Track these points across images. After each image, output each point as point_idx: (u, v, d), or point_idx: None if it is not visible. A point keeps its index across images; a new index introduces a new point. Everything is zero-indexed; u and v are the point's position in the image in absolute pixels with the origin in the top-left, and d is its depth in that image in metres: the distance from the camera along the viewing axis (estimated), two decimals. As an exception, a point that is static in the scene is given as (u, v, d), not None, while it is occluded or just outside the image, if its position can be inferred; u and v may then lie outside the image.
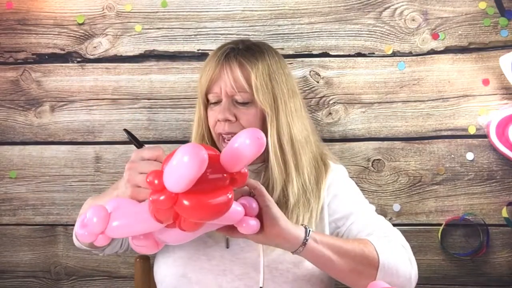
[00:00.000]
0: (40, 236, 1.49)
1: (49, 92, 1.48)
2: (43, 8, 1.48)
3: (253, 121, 1.00)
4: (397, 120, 1.42)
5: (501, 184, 1.39)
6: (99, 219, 0.70)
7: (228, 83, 0.99)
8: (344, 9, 1.43)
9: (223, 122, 1.00)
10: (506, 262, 1.40)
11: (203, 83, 1.02)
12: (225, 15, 1.45)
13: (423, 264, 1.41)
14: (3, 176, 1.49)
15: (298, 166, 1.01)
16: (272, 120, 1.00)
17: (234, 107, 1.00)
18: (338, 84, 1.43)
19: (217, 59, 1.01)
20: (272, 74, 1.02)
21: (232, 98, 1.00)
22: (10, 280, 1.50)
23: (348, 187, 1.09)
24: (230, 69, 1.00)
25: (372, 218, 1.03)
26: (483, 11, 1.40)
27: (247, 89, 0.99)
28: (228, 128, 1.00)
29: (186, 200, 0.62)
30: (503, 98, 1.39)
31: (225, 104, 1.00)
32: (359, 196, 1.09)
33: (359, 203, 1.06)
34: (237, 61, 1.00)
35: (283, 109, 1.01)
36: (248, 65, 1.00)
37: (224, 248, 0.99)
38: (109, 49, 1.47)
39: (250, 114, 1.00)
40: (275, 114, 1.00)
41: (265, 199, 0.81)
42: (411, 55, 1.42)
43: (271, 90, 1.00)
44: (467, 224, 1.40)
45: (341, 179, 1.09)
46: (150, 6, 1.46)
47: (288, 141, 1.00)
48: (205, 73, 1.02)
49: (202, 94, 1.03)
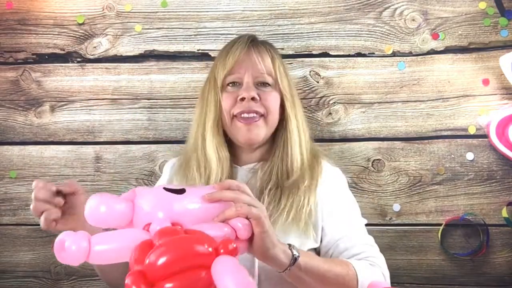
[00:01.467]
0: (40, 236, 1.49)
1: (49, 92, 1.48)
2: (43, 8, 1.48)
3: (275, 102, 1.05)
4: (397, 120, 1.42)
5: (501, 184, 1.39)
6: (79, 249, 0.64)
7: (258, 64, 1.04)
8: (344, 9, 1.43)
9: (245, 101, 1.02)
10: (506, 262, 1.40)
11: (227, 64, 1.04)
12: (225, 15, 1.45)
13: (423, 264, 1.41)
14: (3, 176, 1.49)
15: (302, 150, 1.06)
16: (292, 106, 1.06)
17: (256, 89, 1.04)
18: (338, 84, 1.43)
19: (244, 42, 1.06)
20: (285, 70, 1.10)
21: (255, 80, 1.04)
22: (10, 280, 1.50)
23: (343, 197, 1.08)
24: (259, 52, 1.05)
25: (361, 239, 1.02)
26: (483, 11, 1.40)
27: (272, 73, 1.05)
28: (251, 106, 1.02)
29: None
30: (503, 98, 1.39)
31: (249, 83, 1.03)
32: (353, 209, 1.07)
33: (351, 219, 1.05)
34: (265, 47, 1.07)
35: (296, 100, 1.09)
36: (273, 52, 1.08)
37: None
38: (109, 49, 1.47)
39: (273, 96, 1.05)
40: (292, 100, 1.07)
41: (265, 226, 0.76)
42: (411, 55, 1.42)
43: (288, 80, 1.08)
44: (467, 224, 1.40)
45: (337, 184, 1.08)
46: (150, 6, 1.46)
47: (304, 129, 1.07)
48: (231, 54, 1.05)
49: (220, 76, 1.05)
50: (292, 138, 1.05)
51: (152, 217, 0.69)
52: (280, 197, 1.00)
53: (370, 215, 1.41)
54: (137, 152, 1.45)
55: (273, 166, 1.05)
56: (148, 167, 1.45)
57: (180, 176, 1.09)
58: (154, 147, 1.45)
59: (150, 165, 1.45)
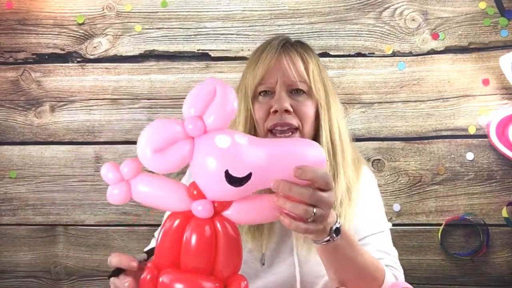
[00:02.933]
0: (40, 236, 1.49)
1: (49, 92, 1.48)
2: (43, 8, 1.48)
3: (309, 112, 0.96)
4: (397, 120, 1.42)
5: (501, 184, 1.39)
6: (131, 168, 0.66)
7: (289, 71, 0.96)
8: (344, 9, 1.43)
9: (278, 114, 0.95)
10: (506, 262, 1.40)
11: (257, 74, 0.97)
12: (225, 15, 1.45)
13: (423, 264, 1.41)
14: (3, 176, 1.49)
15: (344, 163, 0.98)
16: (325, 114, 0.97)
17: (290, 99, 0.96)
18: (338, 84, 1.43)
19: (274, 48, 0.98)
20: (322, 71, 1.01)
21: (288, 88, 0.97)
22: (10, 280, 1.50)
23: (373, 199, 1.04)
24: (290, 58, 0.97)
25: (386, 245, 0.99)
26: (483, 11, 1.40)
27: (306, 80, 0.97)
28: (284, 119, 0.94)
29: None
30: (503, 98, 1.39)
31: (281, 93, 0.95)
32: (381, 212, 1.04)
33: (378, 222, 1.01)
34: (297, 51, 0.98)
35: (334, 104, 1.00)
36: (306, 56, 0.99)
37: (260, 266, 0.96)
38: (109, 49, 1.47)
39: (307, 105, 0.97)
40: (327, 107, 0.98)
41: (321, 225, 0.71)
42: (411, 55, 1.42)
43: (323, 84, 0.99)
44: (467, 224, 1.40)
45: (369, 187, 1.05)
46: (150, 6, 1.46)
47: (339, 136, 0.98)
48: (260, 63, 0.97)
49: (251, 86, 0.98)
50: (326, 151, 0.94)
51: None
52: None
53: (370, 215, 1.41)
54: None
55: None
56: (148, 167, 1.45)
57: None
58: (154, 147, 1.45)
59: (150, 165, 1.45)
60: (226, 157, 0.62)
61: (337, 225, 0.75)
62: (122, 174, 0.65)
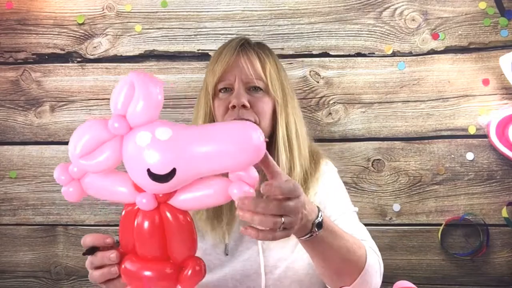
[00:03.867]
0: (40, 236, 1.49)
1: (49, 92, 1.48)
2: (43, 8, 1.48)
3: (266, 108, 1.02)
4: (397, 120, 1.42)
5: (501, 184, 1.39)
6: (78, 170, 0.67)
7: (246, 69, 1.01)
8: (344, 9, 1.43)
9: (236, 109, 0.99)
10: (506, 262, 1.40)
11: (217, 71, 1.02)
12: (225, 15, 1.45)
13: (423, 264, 1.41)
14: (3, 176, 1.49)
15: (301, 157, 1.03)
16: (282, 111, 1.03)
17: (247, 95, 1.01)
18: (338, 84, 1.43)
19: (233, 48, 1.04)
20: (280, 70, 1.07)
21: (246, 85, 1.02)
22: (10, 280, 1.50)
23: (336, 188, 1.09)
24: (247, 57, 1.03)
25: (355, 225, 1.02)
26: (483, 11, 1.40)
27: (263, 77, 1.02)
28: (241, 114, 0.99)
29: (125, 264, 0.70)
30: (503, 98, 1.39)
31: (240, 89, 1.01)
32: (345, 196, 1.09)
33: (345, 205, 1.06)
34: (254, 51, 1.04)
35: (291, 102, 1.05)
36: (263, 56, 1.04)
37: (224, 256, 1.00)
38: (109, 49, 1.47)
39: (264, 102, 1.02)
40: (284, 105, 1.04)
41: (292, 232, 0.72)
42: (411, 55, 1.42)
43: (281, 83, 1.05)
44: (467, 224, 1.40)
45: (330, 178, 1.10)
46: (150, 6, 1.46)
47: (295, 132, 1.04)
48: (220, 61, 1.03)
49: (211, 84, 1.03)
50: (279, 149, 1.00)
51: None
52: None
53: (370, 215, 1.41)
54: (137, 152, 1.45)
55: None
56: (148, 167, 1.45)
57: None
58: (154, 147, 1.45)
59: (150, 165, 1.45)
60: (146, 156, 0.61)
61: (319, 219, 0.77)
62: (71, 174, 0.67)
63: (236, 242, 1.00)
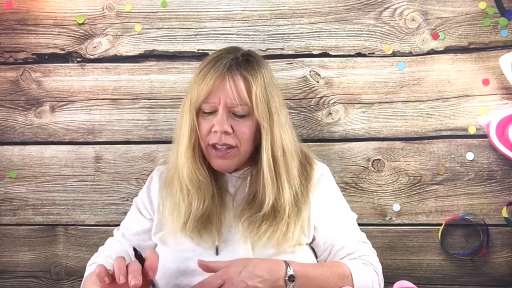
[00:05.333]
0: (40, 236, 1.49)
1: (49, 92, 1.48)
2: (43, 8, 1.48)
3: (249, 133, 1.02)
4: (397, 120, 1.42)
5: (501, 184, 1.39)
6: None
7: (231, 95, 0.99)
8: (344, 9, 1.43)
9: (219, 133, 1.00)
10: (506, 262, 1.40)
11: (201, 92, 1.01)
12: (225, 15, 1.45)
13: (423, 264, 1.41)
14: (3, 176, 1.49)
15: (290, 177, 1.03)
16: (267, 134, 1.02)
17: (231, 119, 1.01)
18: (338, 84, 1.43)
19: (219, 70, 1.01)
20: (267, 87, 1.04)
21: (230, 109, 1.01)
22: (10, 280, 1.50)
23: (332, 195, 1.12)
24: (233, 81, 1.00)
25: (354, 237, 1.07)
26: (483, 11, 1.40)
27: (248, 103, 1.01)
28: (224, 140, 1.00)
29: None
30: (503, 98, 1.39)
31: (223, 115, 1.00)
32: (343, 206, 1.12)
33: (342, 217, 1.09)
34: (240, 74, 1.01)
35: (277, 121, 1.03)
36: (250, 78, 1.01)
37: (214, 256, 1.01)
38: (109, 49, 1.47)
39: (247, 126, 1.02)
40: (269, 127, 1.02)
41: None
42: (411, 55, 1.42)
43: (267, 103, 1.02)
44: (467, 224, 1.40)
45: (325, 184, 1.11)
46: (150, 6, 1.46)
47: (281, 153, 1.03)
48: (204, 82, 1.01)
49: (195, 102, 1.02)
50: (264, 176, 1.01)
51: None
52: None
53: (370, 215, 1.41)
54: (137, 152, 1.45)
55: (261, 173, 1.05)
56: (148, 167, 1.45)
57: (166, 192, 1.10)
58: (154, 147, 1.45)
59: (150, 165, 1.45)
60: None
61: (289, 273, 0.86)
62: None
63: (226, 243, 1.02)
